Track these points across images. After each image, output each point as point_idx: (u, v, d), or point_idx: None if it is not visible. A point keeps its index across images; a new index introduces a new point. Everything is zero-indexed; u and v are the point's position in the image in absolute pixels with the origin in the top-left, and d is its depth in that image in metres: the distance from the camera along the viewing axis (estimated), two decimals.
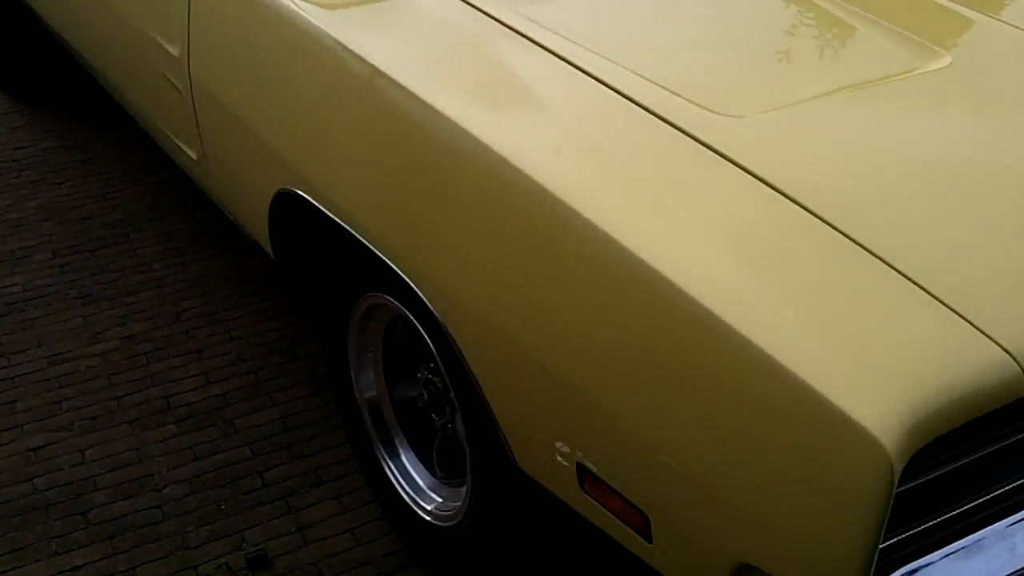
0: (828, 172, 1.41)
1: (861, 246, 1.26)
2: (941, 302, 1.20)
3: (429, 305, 1.58)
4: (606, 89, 1.51)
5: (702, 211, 1.34)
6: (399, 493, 2.02)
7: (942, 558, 1.24)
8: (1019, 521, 1.29)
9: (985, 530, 1.27)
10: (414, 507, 1.98)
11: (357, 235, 1.70)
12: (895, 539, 1.21)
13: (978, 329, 1.17)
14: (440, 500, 1.96)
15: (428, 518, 1.95)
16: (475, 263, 1.48)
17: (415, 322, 1.75)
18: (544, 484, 1.55)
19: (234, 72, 2.01)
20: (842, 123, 1.52)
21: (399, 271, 1.62)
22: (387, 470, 2.05)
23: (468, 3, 1.75)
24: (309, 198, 1.81)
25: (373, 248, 1.67)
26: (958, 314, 1.19)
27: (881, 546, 1.15)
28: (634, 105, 1.47)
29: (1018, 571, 1.26)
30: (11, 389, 2.48)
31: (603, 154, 1.44)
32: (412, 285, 1.60)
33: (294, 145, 1.83)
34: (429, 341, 1.73)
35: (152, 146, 3.41)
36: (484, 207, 1.45)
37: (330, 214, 1.75)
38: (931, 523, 1.25)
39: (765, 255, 1.27)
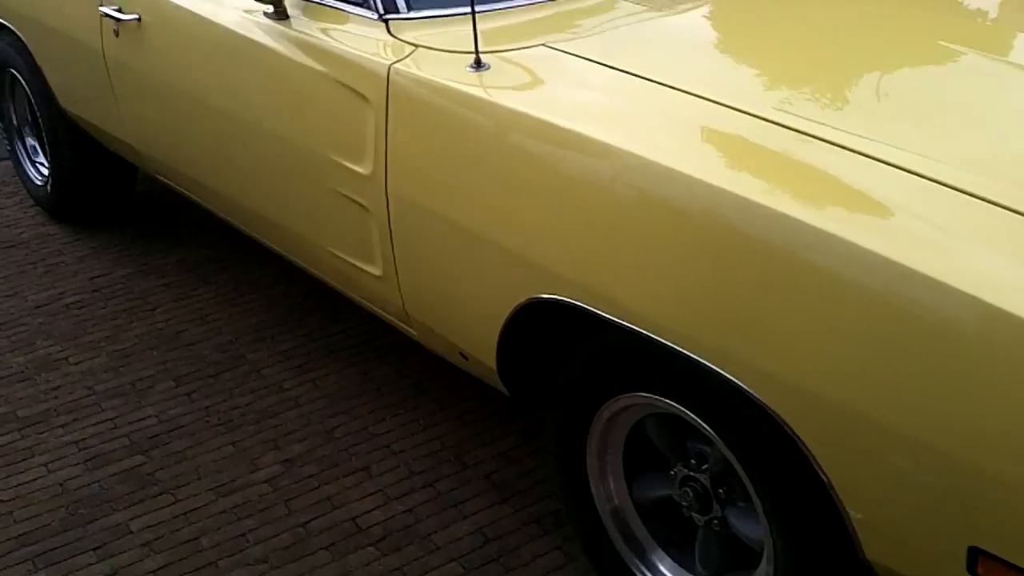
0: None
1: None
2: None
3: (755, 396, 1.60)
4: (919, 178, 1.56)
5: None
6: None
7: None
8: None
9: None
10: None
11: (652, 335, 1.71)
12: None
13: None
14: None
15: None
16: (827, 351, 1.50)
17: (695, 418, 1.77)
18: (904, 572, 1.56)
19: (459, 184, 2.02)
20: None
21: (714, 366, 1.64)
22: None
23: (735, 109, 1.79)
24: (580, 303, 1.82)
25: (673, 346, 1.69)
26: None
27: None
28: (958, 193, 1.52)
29: None
30: (188, 526, 2.41)
31: (944, 240, 1.49)
32: (733, 379, 1.62)
33: (556, 251, 1.85)
34: (717, 438, 1.75)
35: (236, 265, 3.42)
36: (836, 297, 1.48)
37: (612, 318, 1.77)
38: None
39: None
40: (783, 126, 1.71)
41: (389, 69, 2.10)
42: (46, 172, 3.79)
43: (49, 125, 3.59)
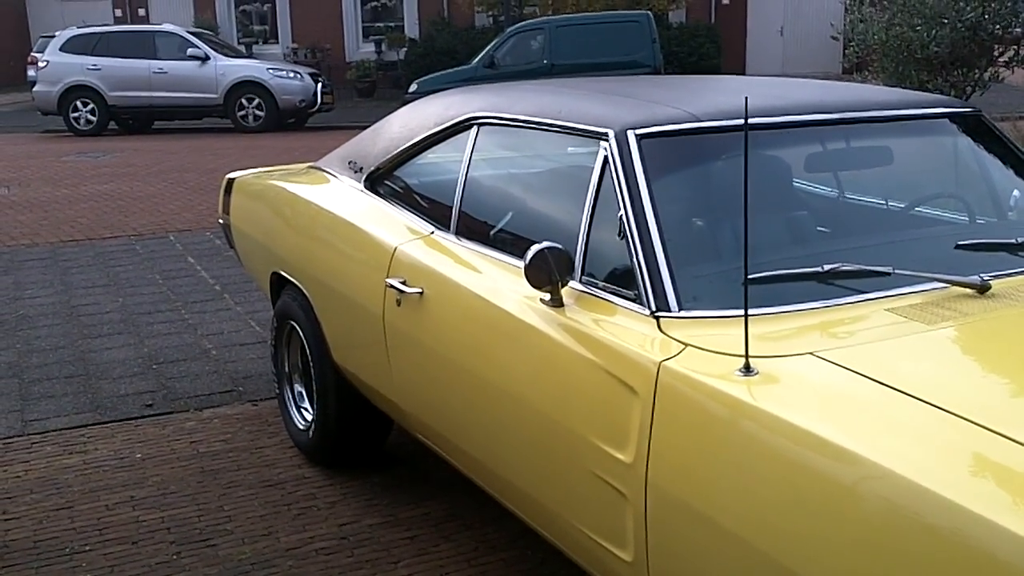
0: None
1: None
2: None
3: None
4: None
5: None
6: None
7: None
8: None
9: None
10: None
11: None
12: None
13: None
14: None
15: None
16: None
17: None
18: None
19: (721, 484, 2.08)
20: None
21: None
22: None
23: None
24: None
25: None
26: None
27: None
28: None
29: None
30: None
31: None
32: None
33: (814, 560, 1.87)
34: None
35: (478, 525, 3.54)
36: None
37: None
38: None
39: None
40: None
41: (659, 366, 2.24)
42: (310, 418, 4.09)
43: (319, 375, 3.91)
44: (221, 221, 4.91)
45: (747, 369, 2.11)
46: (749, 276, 2.15)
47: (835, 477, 1.87)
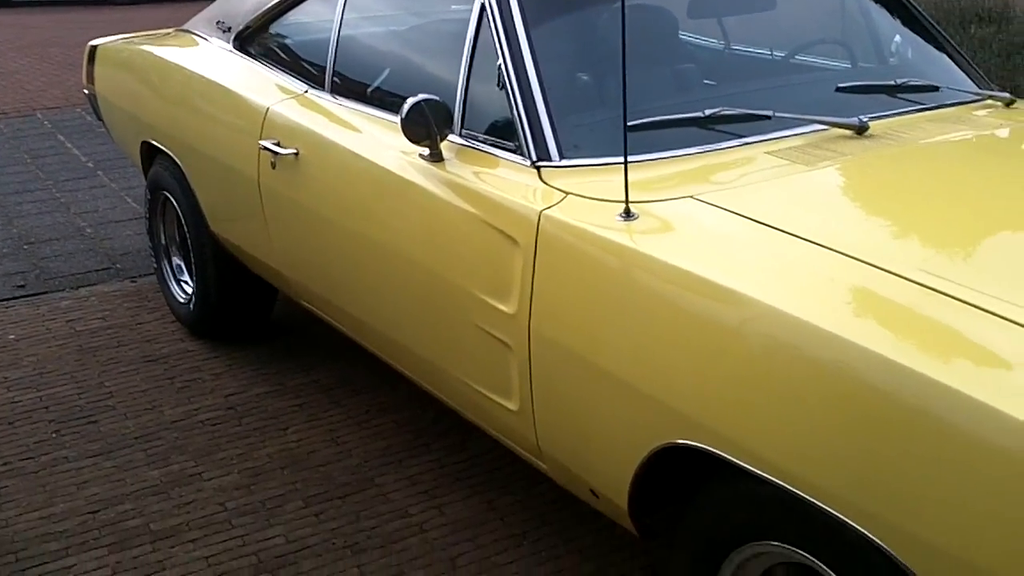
0: None
1: None
2: None
3: (890, 552, 1.60)
4: None
5: None
6: None
7: None
8: None
9: None
10: None
11: (788, 487, 1.73)
12: None
13: None
14: None
15: None
16: (966, 514, 1.51)
17: (826, 569, 1.77)
18: None
19: (602, 328, 2.08)
20: None
21: (849, 521, 1.65)
22: None
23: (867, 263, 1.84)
24: (717, 451, 1.85)
25: (813, 499, 1.70)
26: None
27: None
28: None
29: None
30: None
31: None
32: (868, 535, 1.62)
33: (695, 399, 1.89)
34: None
35: (368, 389, 3.52)
36: (973, 459, 1.49)
37: (750, 467, 1.80)
38: None
39: None
40: (916, 282, 1.75)
41: (540, 215, 2.20)
42: (190, 291, 3.98)
43: (197, 246, 3.79)
44: (86, 92, 4.67)
45: (627, 214, 2.09)
46: (629, 123, 2.11)
47: (717, 316, 1.88)
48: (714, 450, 1.87)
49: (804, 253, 1.91)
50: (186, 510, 2.97)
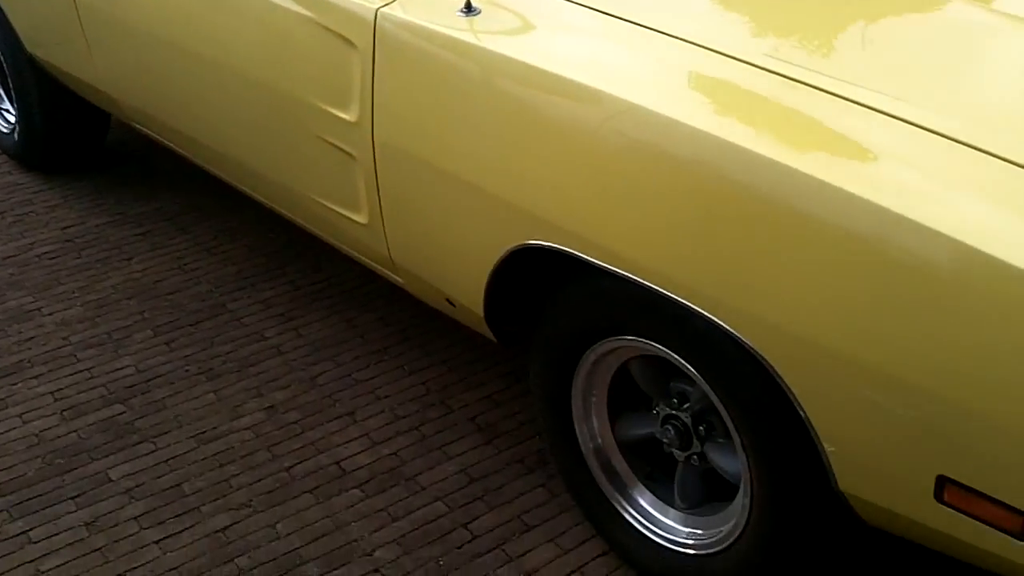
0: None
1: None
2: None
3: (740, 338, 1.63)
4: (906, 124, 1.59)
5: None
6: (647, 536, 2.05)
7: None
8: None
9: None
10: (669, 545, 2.02)
11: (640, 280, 1.74)
12: None
13: None
14: (698, 531, 2.00)
15: (690, 551, 1.99)
16: (809, 293, 1.53)
17: (680, 360, 1.80)
18: (875, 501, 1.62)
19: (447, 131, 2.01)
20: None
21: (700, 310, 1.66)
22: (628, 516, 2.08)
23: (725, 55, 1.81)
24: (569, 250, 1.84)
25: (661, 291, 1.71)
26: None
27: None
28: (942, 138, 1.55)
29: None
30: (170, 473, 2.41)
31: (925, 184, 1.51)
32: (719, 321, 1.65)
33: (546, 198, 1.86)
34: (700, 377, 1.78)
35: (215, 214, 3.40)
36: (819, 241, 1.51)
37: (601, 263, 1.79)
38: None
39: None
40: (772, 72, 1.72)
41: (376, 14, 2.09)
42: (12, 120, 3.73)
43: (14, 71, 3.53)
44: None
45: (468, 8, 2.00)
46: None
47: (570, 114, 1.81)
48: (567, 249, 1.85)
49: (660, 47, 1.86)
50: (27, 346, 2.85)
